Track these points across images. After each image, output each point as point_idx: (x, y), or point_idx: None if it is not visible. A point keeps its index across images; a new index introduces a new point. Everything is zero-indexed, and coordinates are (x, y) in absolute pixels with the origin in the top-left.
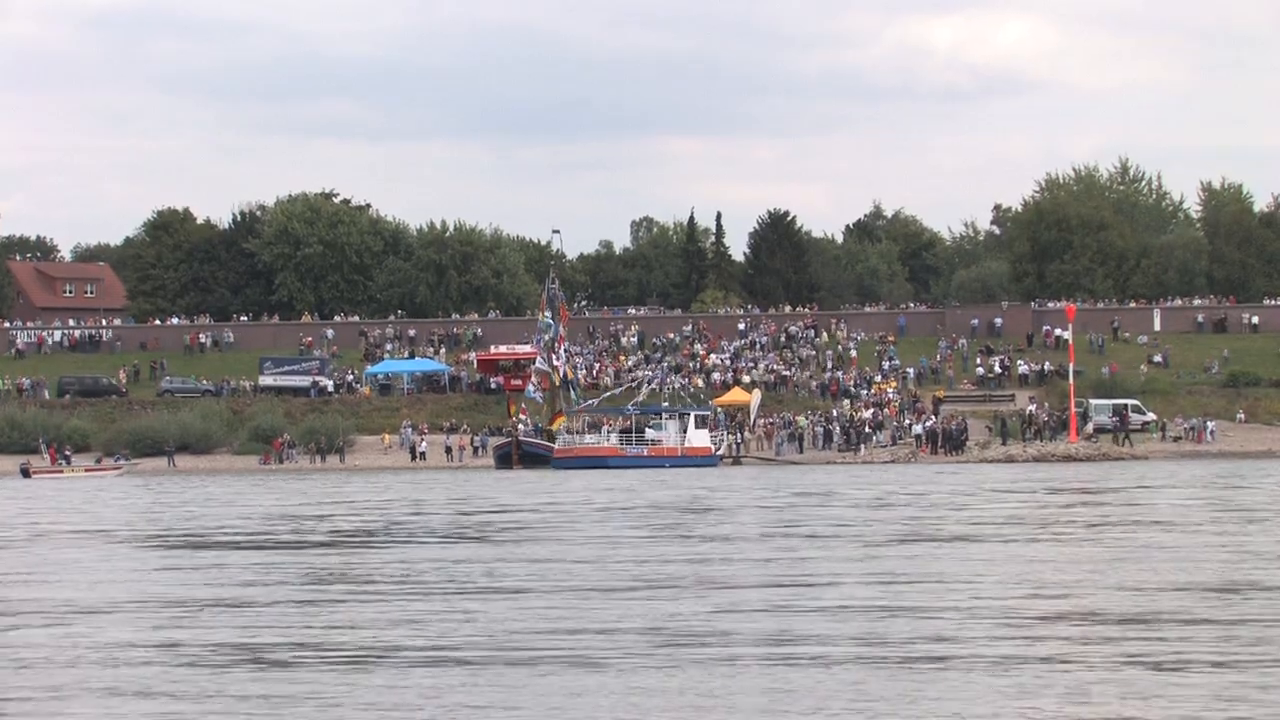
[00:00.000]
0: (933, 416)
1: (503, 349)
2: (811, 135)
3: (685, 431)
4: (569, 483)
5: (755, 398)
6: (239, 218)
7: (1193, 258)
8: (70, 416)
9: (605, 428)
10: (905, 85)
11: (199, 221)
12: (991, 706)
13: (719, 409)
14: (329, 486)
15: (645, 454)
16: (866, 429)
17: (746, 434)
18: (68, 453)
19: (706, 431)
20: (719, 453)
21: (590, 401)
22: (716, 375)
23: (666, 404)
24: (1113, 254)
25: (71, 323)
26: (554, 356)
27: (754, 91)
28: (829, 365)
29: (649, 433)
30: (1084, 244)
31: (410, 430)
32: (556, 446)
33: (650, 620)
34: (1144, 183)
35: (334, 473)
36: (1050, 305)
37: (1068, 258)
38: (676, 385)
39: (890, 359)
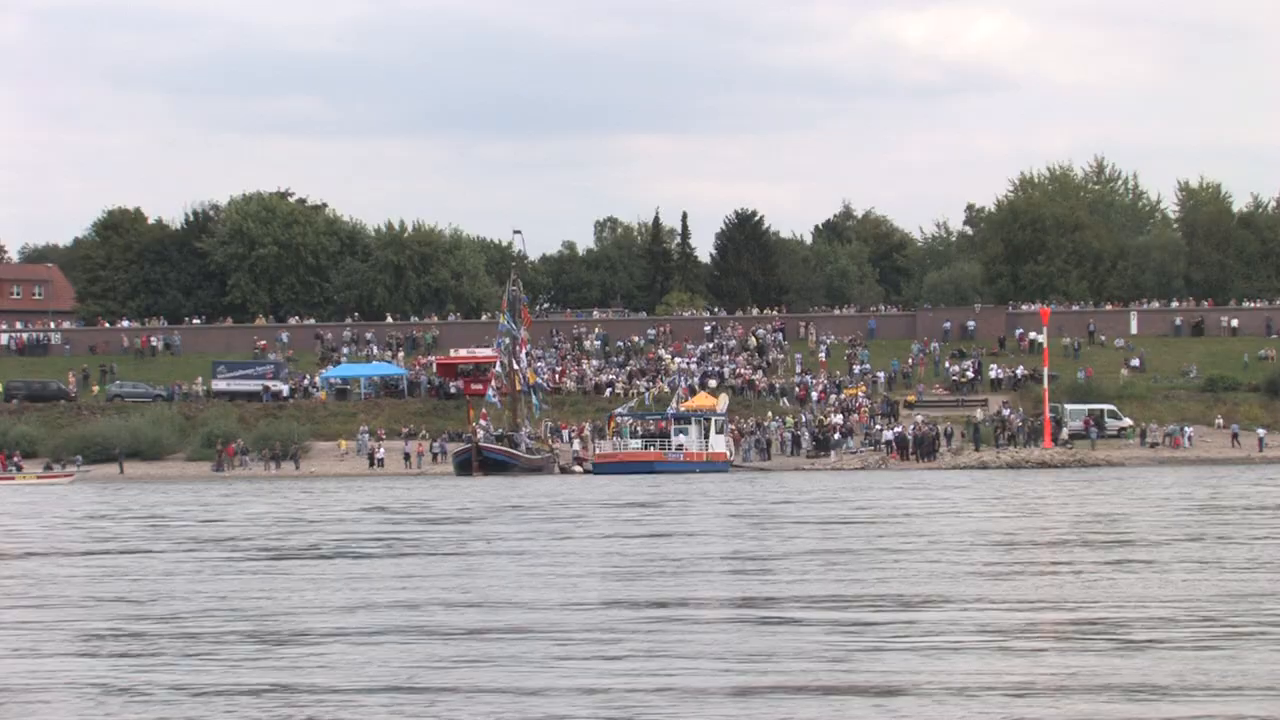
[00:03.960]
0: (903, 423)
1: (462, 352)
2: (780, 133)
3: (708, 437)
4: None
5: (722, 402)
6: (191, 217)
7: (1170, 259)
8: (17, 422)
9: (630, 432)
10: (876, 81)
11: (150, 221)
12: None
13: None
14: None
15: (682, 459)
16: (836, 434)
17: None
18: (17, 460)
19: (724, 437)
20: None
21: (622, 408)
22: (682, 379)
23: (628, 408)
24: (1088, 255)
25: (19, 326)
26: (515, 360)
27: (721, 88)
28: (798, 369)
29: (677, 438)
30: (1059, 245)
31: (368, 436)
32: (598, 451)
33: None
34: (1120, 182)
35: (289, 480)
36: (1024, 308)
37: (1042, 259)
38: (642, 389)
39: (861, 363)
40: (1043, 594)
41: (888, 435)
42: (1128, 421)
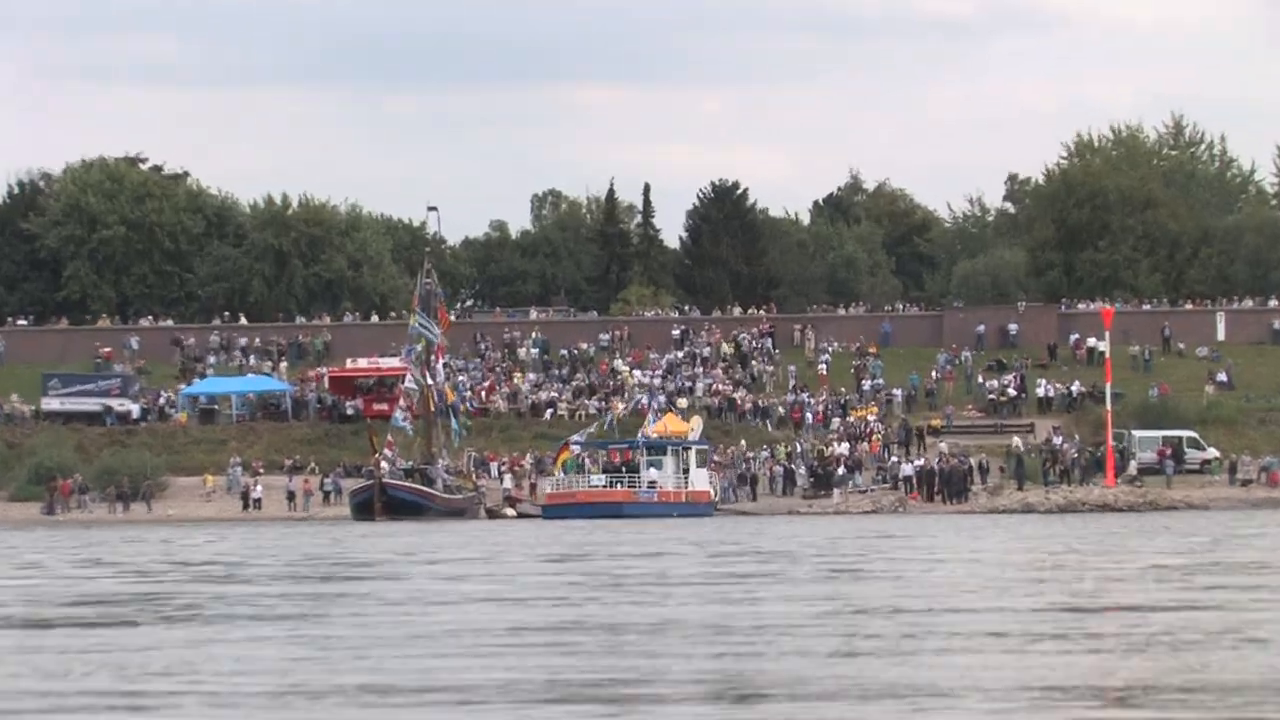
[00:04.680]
0: (926, 454)
1: (362, 363)
2: (769, 83)
3: (687, 472)
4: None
5: (695, 427)
6: (16, 190)
7: (1267, 245)
8: None
9: (577, 466)
10: (891, 16)
11: None
12: None
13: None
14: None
15: (655, 500)
16: (841, 469)
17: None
18: None
19: (707, 472)
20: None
21: (578, 436)
22: (643, 398)
23: (586, 435)
24: (1163, 239)
25: None
26: (430, 373)
27: (694, 25)
28: (792, 385)
29: (650, 472)
30: (1125, 226)
31: (240, 470)
32: (549, 491)
33: None
34: (1204, 147)
35: (140, 525)
36: (1081, 307)
37: (1104, 244)
38: (594, 409)
39: (872, 377)
40: None
41: (906, 470)
42: (1213, 453)
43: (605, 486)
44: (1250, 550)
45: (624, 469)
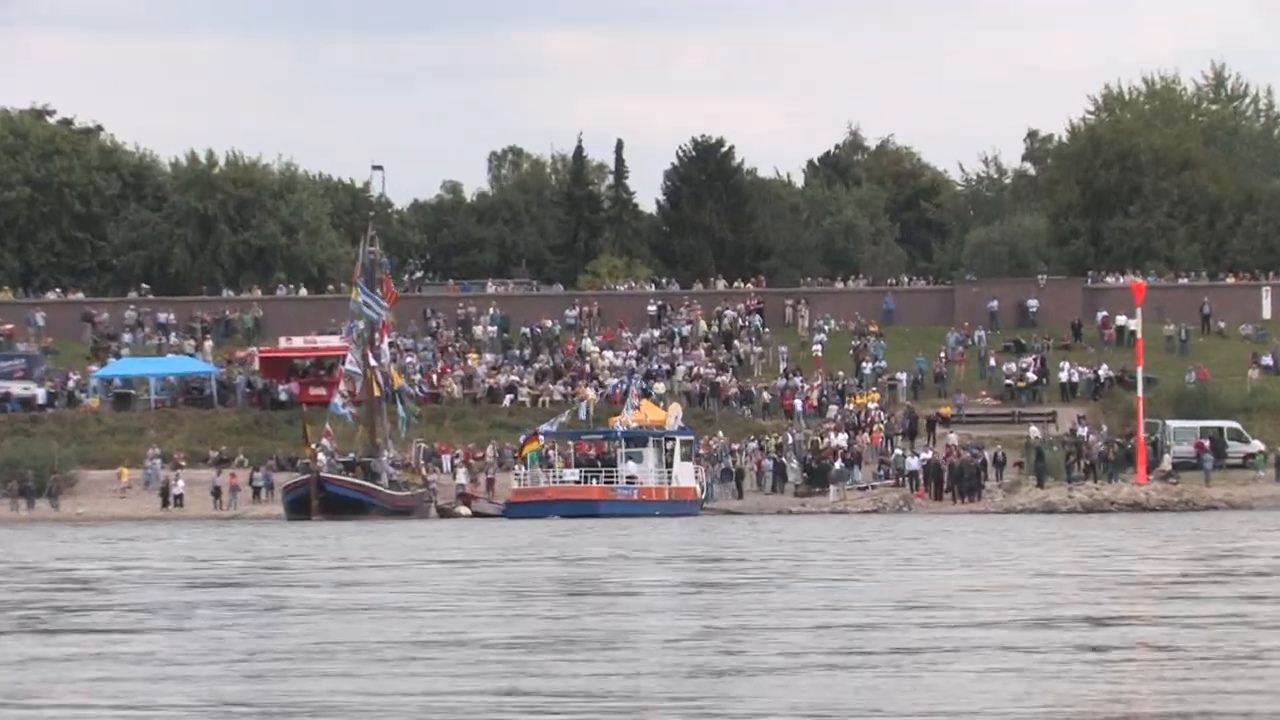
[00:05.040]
0: (935, 446)
1: (298, 342)
2: (758, 27)
3: (671, 465)
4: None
5: (673, 414)
6: None
7: None
8: None
9: (541, 458)
10: None
11: None
12: None
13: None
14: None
15: (635, 497)
16: (838, 463)
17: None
18: None
19: (692, 465)
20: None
21: (548, 425)
22: (616, 382)
23: (558, 423)
24: (1202, 205)
25: None
26: (374, 354)
27: None
28: (783, 368)
29: (628, 465)
30: (1159, 190)
31: (160, 463)
32: (515, 487)
33: None
34: (1248, 101)
35: (45, 524)
36: (1109, 280)
37: (1135, 210)
38: (560, 394)
39: (874, 359)
40: None
41: (912, 464)
42: (1257, 445)
43: (578, 482)
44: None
45: (599, 463)
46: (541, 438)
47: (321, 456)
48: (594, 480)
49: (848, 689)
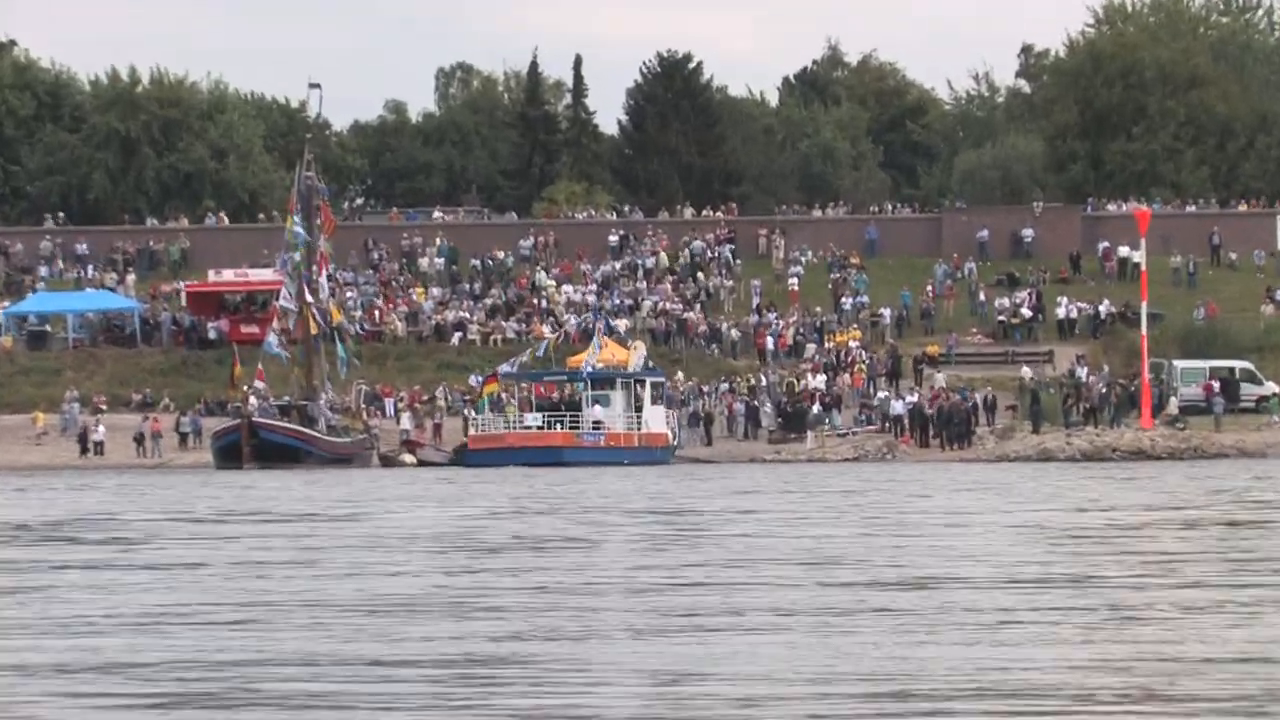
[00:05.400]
0: (921, 388)
1: (228, 275)
2: None
3: (640, 410)
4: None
5: (636, 354)
6: None
7: None
8: None
9: (515, 402)
10: None
11: None
12: None
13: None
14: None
15: (602, 444)
16: (816, 406)
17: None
18: None
19: (663, 409)
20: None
21: (507, 365)
22: (574, 318)
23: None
24: (1211, 126)
25: None
26: (311, 289)
27: None
28: (755, 303)
29: (595, 410)
30: (1165, 110)
31: (78, 407)
32: (472, 433)
33: None
34: (1260, 14)
35: None
36: (1111, 208)
37: (1139, 132)
38: (510, 334)
39: (855, 294)
40: None
41: (897, 408)
42: (1272, 387)
43: (540, 428)
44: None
45: (563, 406)
46: (501, 377)
47: (253, 400)
48: (558, 426)
49: (698, 655)
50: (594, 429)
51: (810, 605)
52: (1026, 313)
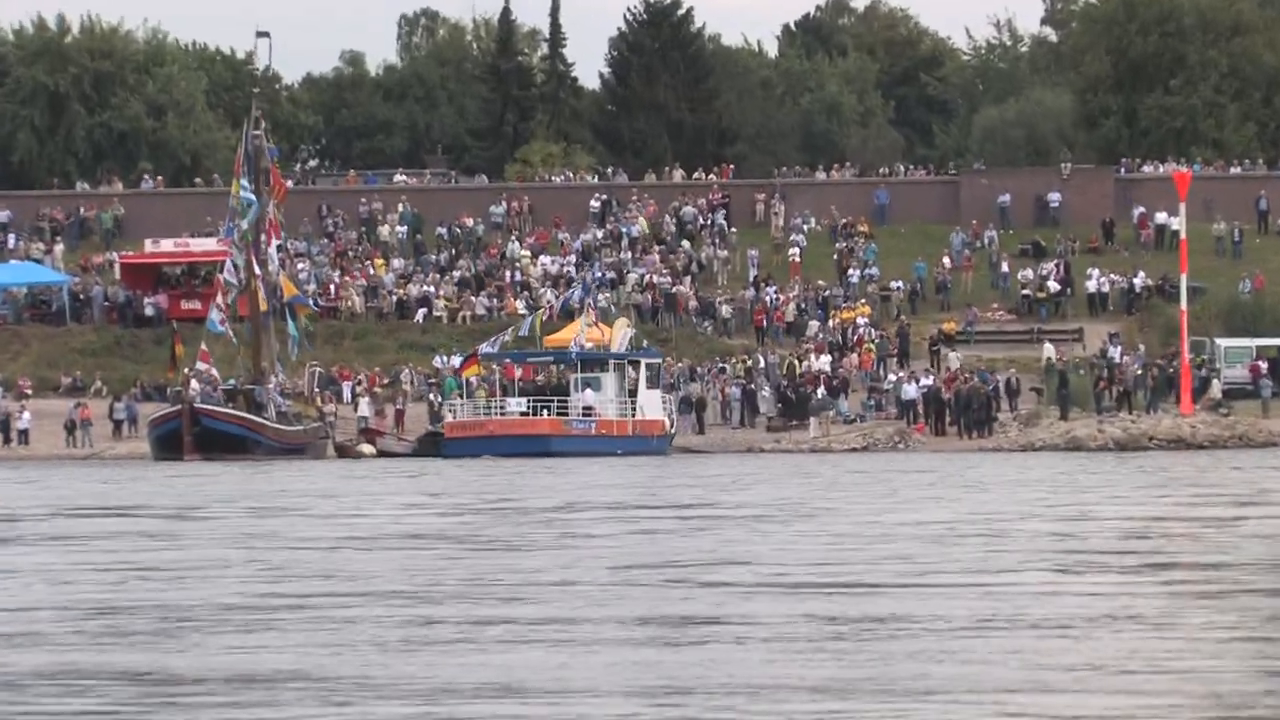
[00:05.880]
0: (937, 371)
1: (167, 245)
2: None
3: (635, 394)
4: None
5: (621, 332)
6: None
7: None
8: None
9: (486, 386)
10: None
11: None
12: None
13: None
14: None
15: (593, 432)
16: (820, 391)
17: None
18: None
19: (660, 394)
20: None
21: (488, 344)
22: (551, 292)
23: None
24: (1257, 79)
25: None
26: (259, 260)
27: None
28: (753, 276)
29: (585, 394)
30: (1206, 60)
31: (1, 391)
32: (448, 420)
33: None
34: None
35: None
36: (1146, 170)
37: (1177, 85)
38: (480, 310)
39: (863, 265)
40: None
41: (909, 392)
42: None
43: (525, 414)
44: None
45: (549, 391)
46: (481, 358)
47: (195, 384)
48: (544, 412)
49: (547, 664)
50: (584, 415)
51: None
52: (1053, 286)
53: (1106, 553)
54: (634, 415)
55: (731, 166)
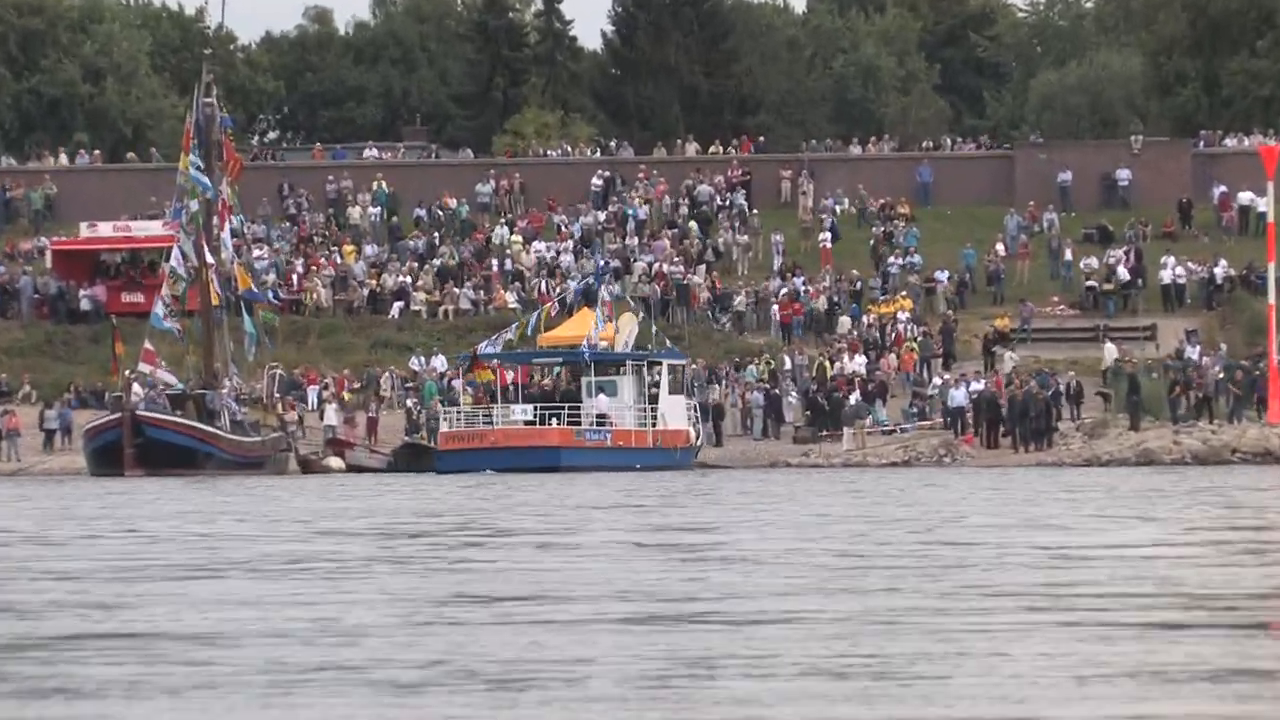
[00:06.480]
0: (989, 374)
1: (105, 229)
2: None
3: (655, 402)
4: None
5: (626, 327)
6: None
7: None
8: None
9: (470, 391)
10: None
11: None
12: None
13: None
14: None
15: (608, 443)
16: (855, 396)
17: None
18: None
19: (684, 400)
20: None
21: (487, 344)
22: (543, 283)
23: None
24: None
25: None
26: (211, 246)
27: None
28: (778, 265)
29: (599, 400)
30: None
31: None
32: (444, 430)
33: None
34: None
35: None
36: (1229, 144)
37: (1264, 46)
38: (465, 304)
39: (904, 253)
40: None
41: (957, 398)
42: None
43: (531, 423)
44: None
45: (558, 397)
46: (480, 356)
47: (138, 388)
48: (553, 420)
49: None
50: (598, 425)
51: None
52: (1122, 276)
53: None
54: (655, 424)
55: (753, 140)
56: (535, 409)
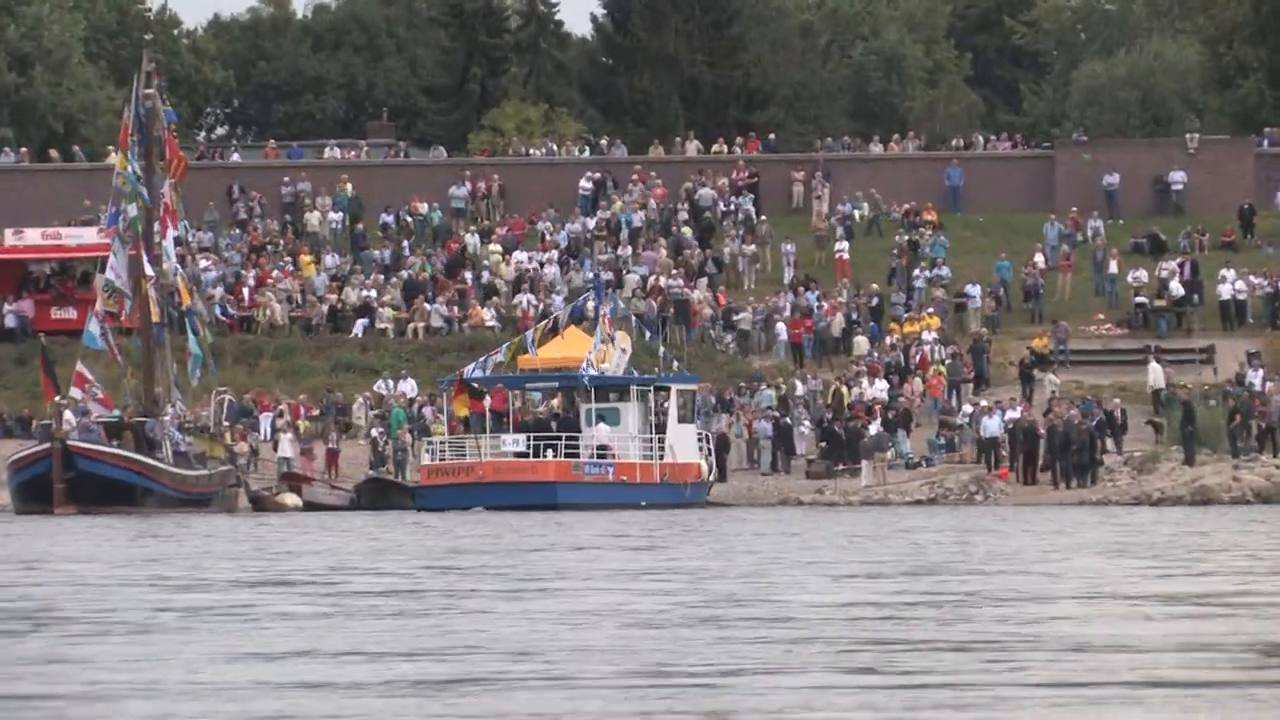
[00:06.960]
0: (1025, 401)
1: (33, 237)
2: None
3: (662, 431)
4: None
5: (619, 351)
6: None
7: None
8: None
9: (443, 419)
10: None
11: None
12: None
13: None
14: None
15: (610, 478)
16: (875, 425)
17: None
18: None
19: (694, 428)
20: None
21: (473, 367)
22: (526, 299)
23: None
24: None
25: None
26: (151, 257)
27: None
28: (789, 278)
29: (600, 430)
30: None
31: None
32: (425, 462)
33: None
34: None
35: None
36: None
37: None
38: (437, 321)
39: (931, 265)
40: None
41: (990, 428)
42: None
43: (524, 455)
44: None
45: (554, 424)
46: (467, 380)
47: (70, 416)
48: (549, 452)
49: None
50: (599, 457)
51: None
52: (1176, 291)
53: None
54: (662, 457)
55: (761, 138)
56: (528, 439)
